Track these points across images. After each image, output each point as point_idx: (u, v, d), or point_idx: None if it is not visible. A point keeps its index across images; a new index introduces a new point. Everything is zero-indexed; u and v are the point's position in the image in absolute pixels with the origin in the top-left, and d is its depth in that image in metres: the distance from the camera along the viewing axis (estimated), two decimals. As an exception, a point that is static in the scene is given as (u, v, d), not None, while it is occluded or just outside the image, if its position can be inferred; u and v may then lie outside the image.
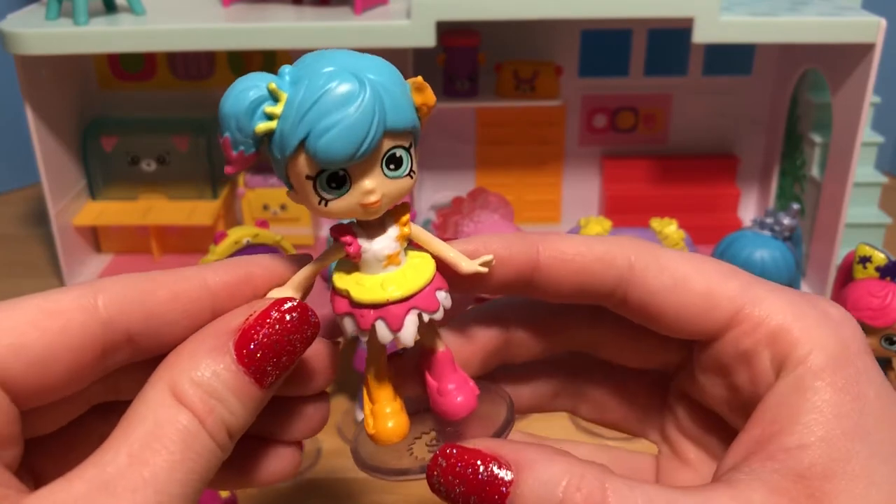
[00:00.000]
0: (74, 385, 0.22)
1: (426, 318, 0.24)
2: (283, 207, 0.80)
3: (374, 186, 0.22)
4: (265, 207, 0.80)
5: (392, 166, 0.22)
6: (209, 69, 0.81)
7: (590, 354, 0.30)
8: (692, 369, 0.27)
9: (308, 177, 0.22)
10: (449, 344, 0.26)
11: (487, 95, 0.78)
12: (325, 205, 0.22)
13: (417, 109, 0.23)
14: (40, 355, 0.21)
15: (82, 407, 0.24)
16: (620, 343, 0.29)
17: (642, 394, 0.30)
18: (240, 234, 0.54)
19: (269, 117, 0.21)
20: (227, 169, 0.23)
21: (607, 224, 0.61)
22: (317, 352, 0.25)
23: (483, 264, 0.25)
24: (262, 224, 0.57)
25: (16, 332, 0.21)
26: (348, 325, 0.24)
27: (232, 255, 0.54)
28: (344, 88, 0.21)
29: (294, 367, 0.23)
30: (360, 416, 0.58)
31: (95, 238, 0.81)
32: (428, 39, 0.64)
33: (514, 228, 0.64)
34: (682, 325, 0.25)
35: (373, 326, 0.23)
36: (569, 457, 0.22)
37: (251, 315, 0.22)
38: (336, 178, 0.22)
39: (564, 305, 0.28)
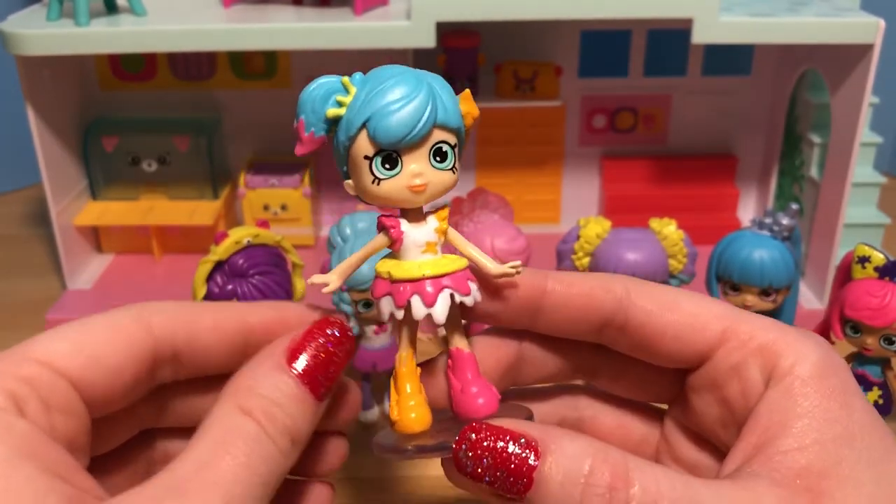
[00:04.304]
0: (131, 396, 0.25)
1: (458, 299, 0.26)
2: (283, 208, 0.80)
3: (422, 171, 0.25)
4: (266, 208, 0.80)
5: (438, 158, 0.25)
6: (210, 70, 0.81)
7: (591, 386, 0.32)
8: (685, 396, 0.29)
9: (366, 157, 0.25)
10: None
11: (487, 96, 0.78)
12: (378, 184, 0.25)
13: (463, 117, 0.26)
14: (112, 367, 0.23)
15: (132, 430, 0.27)
16: (620, 371, 0.30)
17: (638, 426, 0.32)
18: (240, 235, 0.55)
19: (340, 104, 0.25)
20: (298, 149, 0.26)
21: (607, 224, 0.61)
22: (347, 387, 0.28)
23: (512, 267, 0.26)
24: (263, 224, 0.57)
25: (93, 345, 0.23)
26: (385, 305, 0.26)
27: (233, 255, 0.54)
28: (405, 83, 0.25)
29: (339, 381, 0.25)
30: (360, 416, 0.59)
31: (96, 238, 0.81)
32: (428, 40, 0.64)
33: (514, 229, 0.64)
34: (678, 345, 0.27)
35: (408, 302, 0.25)
36: (590, 437, 0.23)
37: (297, 334, 0.25)
38: (390, 159, 0.25)
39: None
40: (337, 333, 0.25)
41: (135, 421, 0.27)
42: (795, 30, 0.64)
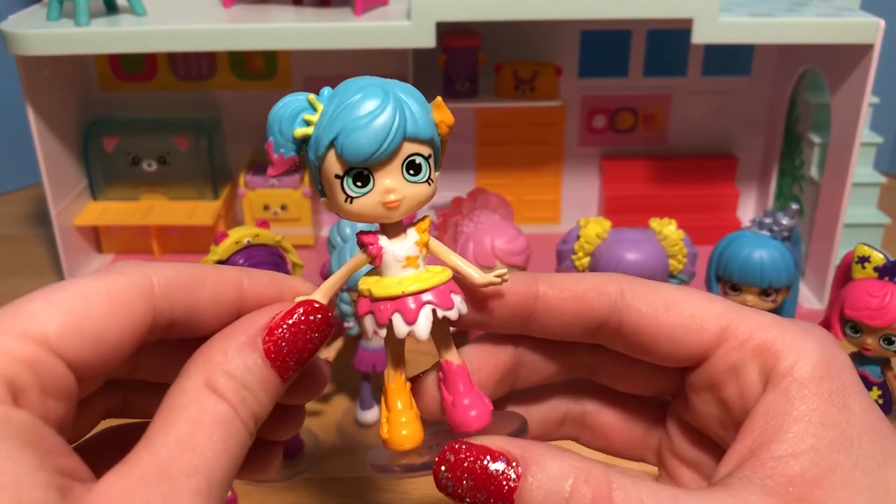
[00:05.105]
0: (120, 368, 0.24)
1: (440, 314, 0.25)
2: (283, 208, 0.80)
3: (395, 186, 0.24)
4: (266, 208, 0.80)
5: (412, 171, 0.25)
6: (210, 70, 0.81)
7: (591, 381, 0.31)
8: (685, 393, 0.28)
9: (337, 175, 0.24)
10: (467, 363, 0.27)
11: (487, 96, 0.78)
12: (351, 202, 0.24)
13: (437, 126, 0.25)
14: (111, 346, 0.22)
15: (101, 382, 0.26)
16: (619, 368, 0.30)
17: (641, 420, 0.31)
18: (240, 235, 0.55)
19: (307, 123, 0.24)
20: (270, 171, 0.25)
21: (607, 224, 0.61)
22: (316, 366, 0.27)
23: (497, 276, 0.26)
24: (263, 224, 0.57)
25: (94, 323, 0.22)
26: (368, 324, 0.26)
27: (233, 255, 0.54)
28: (371, 97, 0.24)
29: (307, 364, 0.24)
30: (360, 417, 0.59)
31: (97, 238, 0.81)
32: (428, 40, 0.64)
33: (514, 229, 0.64)
34: (675, 346, 0.27)
35: (390, 321, 0.25)
36: (574, 454, 0.23)
37: (278, 314, 0.24)
38: (361, 176, 0.24)
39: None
40: (320, 319, 0.24)
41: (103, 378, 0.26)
42: (795, 30, 0.64)
